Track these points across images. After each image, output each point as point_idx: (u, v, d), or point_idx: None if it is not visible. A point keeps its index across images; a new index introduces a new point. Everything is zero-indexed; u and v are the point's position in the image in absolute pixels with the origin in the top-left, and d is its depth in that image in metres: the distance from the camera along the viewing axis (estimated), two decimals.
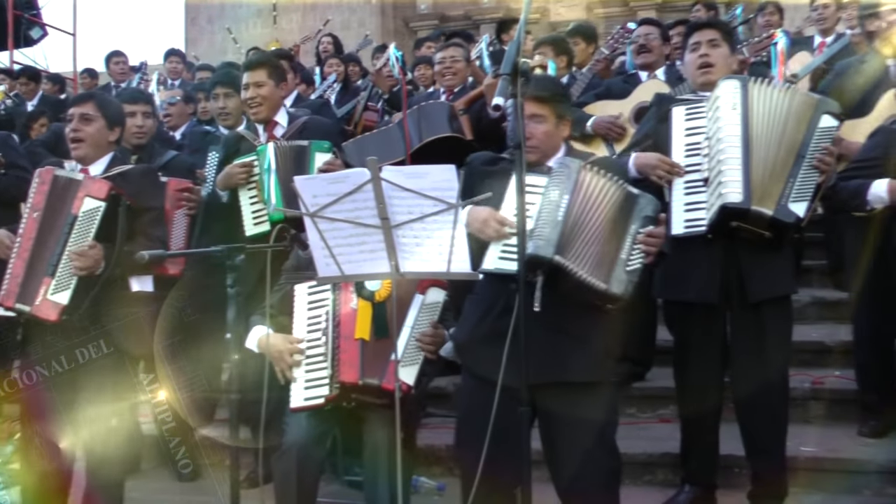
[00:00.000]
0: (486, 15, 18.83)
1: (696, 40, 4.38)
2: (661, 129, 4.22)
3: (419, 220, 2.99)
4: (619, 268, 3.30)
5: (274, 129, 5.13)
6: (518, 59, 2.94)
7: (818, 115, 3.97)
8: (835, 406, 5.39)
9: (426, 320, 3.79)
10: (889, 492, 4.62)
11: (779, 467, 4.24)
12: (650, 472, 4.69)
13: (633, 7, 18.69)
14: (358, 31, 16.98)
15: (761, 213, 3.88)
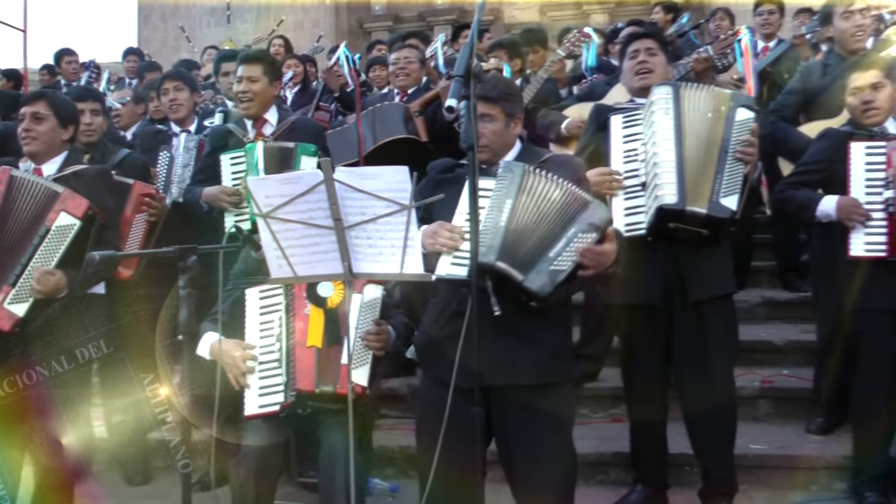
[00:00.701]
0: (440, 17, 18.84)
1: (635, 48, 4.45)
2: (601, 138, 4.27)
3: (372, 221, 2.96)
4: (543, 263, 3.21)
5: (263, 127, 5.08)
6: (471, 62, 2.92)
7: (734, 109, 4.05)
8: (784, 404, 5.44)
9: (368, 319, 3.74)
10: (836, 487, 4.67)
11: (727, 466, 4.27)
12: (603, 471, 4.70)
13: (586, 10, 18.81)
14: (312, 32, 16.90)
15: (696, 212, 3.92)
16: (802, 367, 5.55)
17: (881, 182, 4.30)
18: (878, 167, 4.32)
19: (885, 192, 4.27)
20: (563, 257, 3.21)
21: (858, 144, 4.38)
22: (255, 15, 19.25)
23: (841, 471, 4.66)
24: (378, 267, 3.03)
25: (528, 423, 3.37)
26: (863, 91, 4.48)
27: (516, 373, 3.32)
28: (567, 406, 3.58)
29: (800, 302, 6.36)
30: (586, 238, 3.22)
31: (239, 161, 4.89)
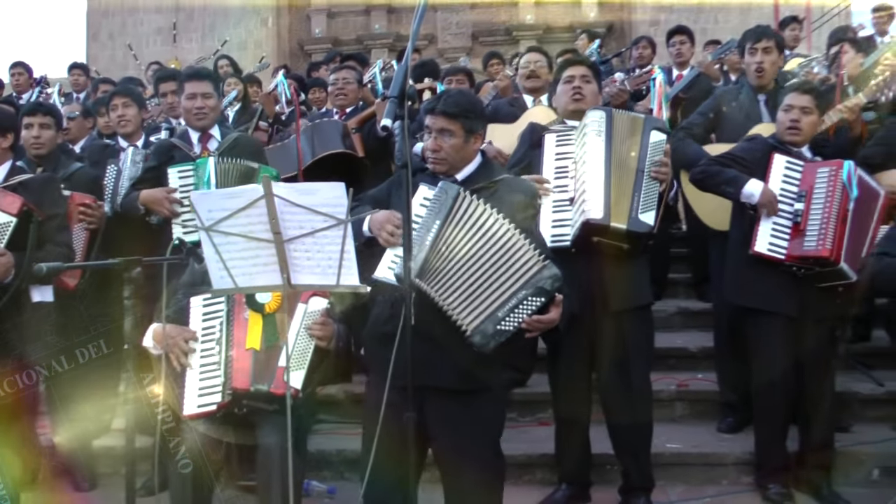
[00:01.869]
0: (377, 41, 18.91)
1: (570, 74, 4.53)
2: (534, 154, 4.34)
3: (310, 234, 2.97)
4: (488, 322, 3.18)
5: (208, 142, 5.03)
6: (405, 84, 2.96)
7: (647, 131, 4.16)
8: (698, 405, 5.56)
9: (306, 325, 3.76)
10: (744, 481, 4.81)
11: (645, 464, 4.36)
12: (529, 472, 4.74)
13: (516, 36, 19.01)
14: (255, 53, 16.86)
15: (617, 228, 4.01)
16: (714, 372, 5.66)
17: (793, 195, 4.48)
18: (793, 181, 4.51)
19: (795, 204, 4.46)
20: (510, 319, 3.19)
21: (781, 157, 4.58)
22: (200, 35, 19.11)
23: (749, 466, 4.81)
24: (315, 279, 3.04)
25: (455, 427, 3.41)
26: (794, 110, 4.63)
27: (441, 375, 3.33)
28: (498, 411, 3.62)
29: (711, 311, 6.44)
30: (535, 303, 3.20)
31: (187, 175, 4.84)
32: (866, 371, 5.63)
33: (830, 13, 13.77)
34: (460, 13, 19.65)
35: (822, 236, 4.32)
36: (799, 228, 4.41)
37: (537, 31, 19.05)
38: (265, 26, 19.39)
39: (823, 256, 4.30)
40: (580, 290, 4.12)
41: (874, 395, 5.46)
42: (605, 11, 19.75)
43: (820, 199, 4.39)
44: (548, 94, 6.20)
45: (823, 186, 4.40)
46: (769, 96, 5.48)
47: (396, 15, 19.75)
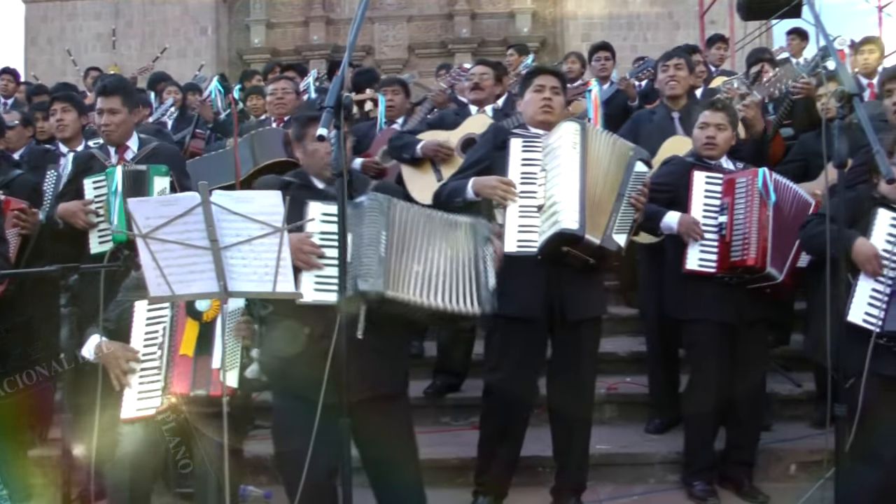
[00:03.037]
0: (315, 51, 18.88)
1: (541, 83, 4.45)
2: (498, 156, 4.26)
3: (247, 242, 2.95)
4: (483, 290, 3.45)
5: (125, 153, 4.92)
6: (341, 94, 2.95)
7: (634, 160, 4.16)
8: (626, 408, 5.62)
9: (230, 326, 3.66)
10: (670, 479, 4.88)
11: (583, 464, 4.38)
12: (463, 475, 4.72)
13: (451, 49, 19.11)
14: (194, 61, 16.72)
15: (591, 241, 4.00)
16: (642, 375, 5.72)
17: (716, 208, 4.55)
18: (715, 195, 4.58)
19: (719, 217, 4.52)
20: (488, 274, 3.44)
21: (701, 173, 4.64)
22: (139, 42, 18.92)
23: (674, 465, 4.87)
24: (252, 286, 3.02)
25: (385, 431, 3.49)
26: (709, 127, 4.71)
27: (378, 385, 3.39)
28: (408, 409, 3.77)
29: (640, 317, 6.55)
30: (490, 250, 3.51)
31: (100, 185, 4.76)
32: (785, 373, 5.76)
33: (752, 35, 14.05)
34: (397, 26, 19.74)
35: (746, 245, 4.39)
36: (725, 241, 4.48)
37: (472, 45, 19.22)
38: (204, 35, 19.27)
39: (749, 265, 4.38)
40: (541, 296, 4.17)
41: (792, 395, 5.60)
42: (538, 27, 19.98)
43: (741, 209, 4.46)
44: (507, 100, 6.26)
45: (742, 197, 4.47)
46: (682, 113, 5.60)
47: (335, 26, 19.77)
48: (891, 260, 3.83)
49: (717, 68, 8.82)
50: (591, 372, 4.39)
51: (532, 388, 4.36)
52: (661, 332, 5.31)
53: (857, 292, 3.80)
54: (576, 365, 4.27)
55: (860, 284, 3.80)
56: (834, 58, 3.78)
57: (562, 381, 4.32)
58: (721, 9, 14.94)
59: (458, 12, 19.73)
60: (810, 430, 5.17)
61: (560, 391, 4.34)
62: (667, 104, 5.78)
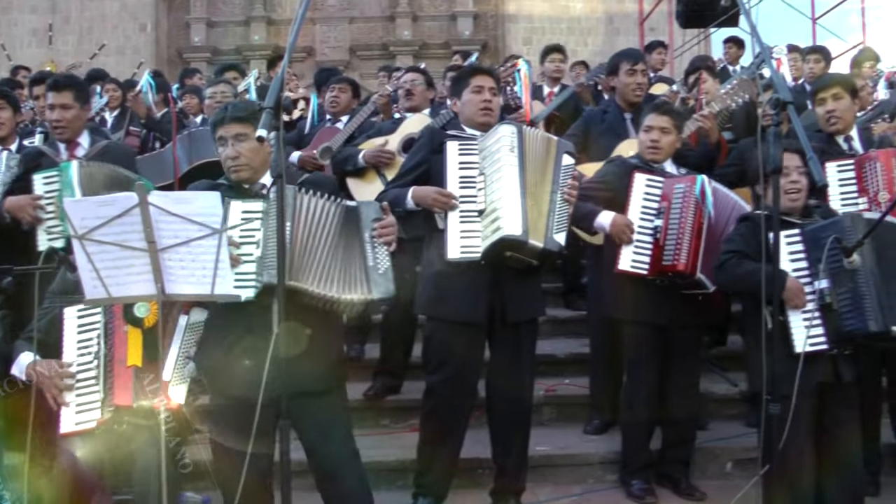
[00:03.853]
0: (257, 51, 18.73)
1: (480, 84, 4.43)
2: (436, 160, 4.26)
3: (185, 243, 2.91)
4: (373, 274, 3.41)
5: (76, 150, 4.85)
6: (280, 95, 2.93)
7: (560, 154, 4.20)
8: (565, 409, 5.65)
9: (192, 340, 3.66)
10: (608, 478, 4.93)
11: (522, 465, 4.40)
12: (403, 477, 4.70)
13: (393, 51, 19.10)
14: (133, 58, 16.48)
15: (535, 246, 4.01)
16: (581, 377, 5.78)
17: (654, 211, 4.59)
18: (654, 198, 4.61)
19: (655, 221, 4.56)
20: (380, 258, 3.42)
21: (641, 175, 4.66)
22: (77, 38, 18.60)
23: (613, 465, 4.91)
24: (190, 288, 2.97)
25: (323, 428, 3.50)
26: (653, 131, 4.76)
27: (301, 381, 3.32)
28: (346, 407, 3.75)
29: (579, 319, 6.61)
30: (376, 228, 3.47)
31: (52, 181, 4.66)
32: (722, 373, 5.85)
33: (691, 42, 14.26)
34: (339, 27, 19.67)
35: (678, 250, 4.44)
36: (659, 244, 4.52)
37: (414, 47, 19.25)
38: (144, 32, 19.01)
39: (679, 270, 4.43)
40: (482, 300, 4.18)
41: (729, 395, 5.69)
42: (479, 30, 20.06)
43: (676, 214, 4.50)
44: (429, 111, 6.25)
45: (679, 202, 4.51)
46: (635, 115, 5.63)
47: (276, 26, 19.65)
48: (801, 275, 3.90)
49: (657, 74, 8.93)
50: (529, 373, 4.41)
51: (471, 389, 4.36)
52: (604, 332, 5.35)
53: (793, 327, 3.82)
54: (515, 366, 4.29)
55: (791, 318, 3.84)
56: (769, 66, 3.84)
57: (501, 383, 4.33)
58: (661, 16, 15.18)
59: (400, 14, 19.74)
60: (745, 429, 5.26)
61: (499, 393, 4.35)
62: (619, 104, 5.80)
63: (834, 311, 3.79)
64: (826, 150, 4.83)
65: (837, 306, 3.79)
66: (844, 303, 3.79)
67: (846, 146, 4.89)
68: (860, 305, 3.76)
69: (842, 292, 3.80)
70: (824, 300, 3.80)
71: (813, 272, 3.87)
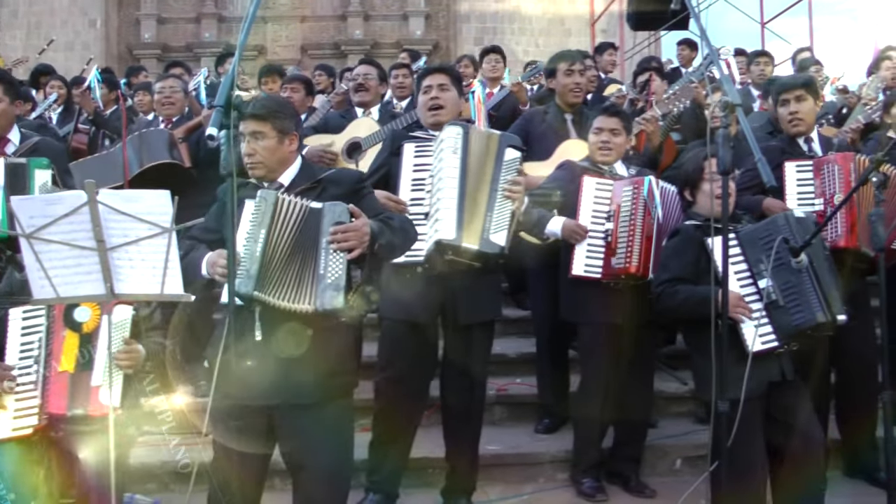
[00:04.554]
0: (207, 49, 18.56)
1: (427, 83, 4.45)
2: (394, 162, 4.28)
3: (134, 243, 2.88)
4: (320, 283, 3.19)
5: (5, 147, 4.74)
6: (231, 93, 2.91)
7: (503, 148, 4.15)
8: (516, 409, 5.67)
9: (118, 339, 3.53)
10: (559, 477, 4.95)
11: (473, 464, 4.43)
12: (354, 477, 4.67)
13: (344, 50, 19.04)
14: (82, 54, 16.24)
15: (469, 249, 4.00)
16: (532, 376, 5.78)
17: (604, 214, 4.62)
18: (604, 201, 4.65)
19: (606, 224, 4.59)
20: (332, 267, 3.20)
21: (591, 179, 4.70)
22: (25, 32, 18.29)
23: (563, 463, 4.95)
24: (139, 288, 2.94)
25: (306, 438, 3.39)
26: (603, 132, 4.78)
27: (293, 392, 3.30)
28: (348, 419, 3.66)
29: (529, 319, 6.56)
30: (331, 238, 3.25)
31: None
32: (671, 372, 5.92)
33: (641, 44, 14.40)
34: (290, 26, 19.57)
35: (629, 253, 4.48)
36: (610, 247, 4.55)
37: (365, 47, 19.19)
38: (93, 28, 18.73)
39: (631, 273, 4.47)
40: (432, 302, 4.20)
41: (678, 393, 5.74)
42: (431, 30, 20.06)
43: (625, 217, 4.54)
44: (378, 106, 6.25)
45: (628, 204, 4.55)
46: (575, 115, 5.69)
47: (227, 24, 19.49)
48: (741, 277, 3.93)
49: (607, 75, 9.01)
50: (482, 374, 4.42)
51: (422, 389, 4.38)
52: (551, 332, 5.39)
53: (743, 328, 3.84)
54: (467, 368, 4.30)
55: (743, 326, 3.86)
56: (718, 69, 3.88)
57: (453, 384, 4.36)
58: (611, 18, 15.29)
59: (352, 13, 19.67)
60: (694, 427, 5.34)
61: (451, 393, 4.37)
62: (560, 105, 5.84)
63: (780, 307, 3.84)
64: (787, 150, 4.91)
65: (784, 302, 3.84)
66: (790, 298, 3.84)
67: (806, 147, 4.95)
68: (806, 299, 3.82)
69: (786, 289, 3.85)
70: (770, 298, 3.85)
71: (754, 273, 3.92)
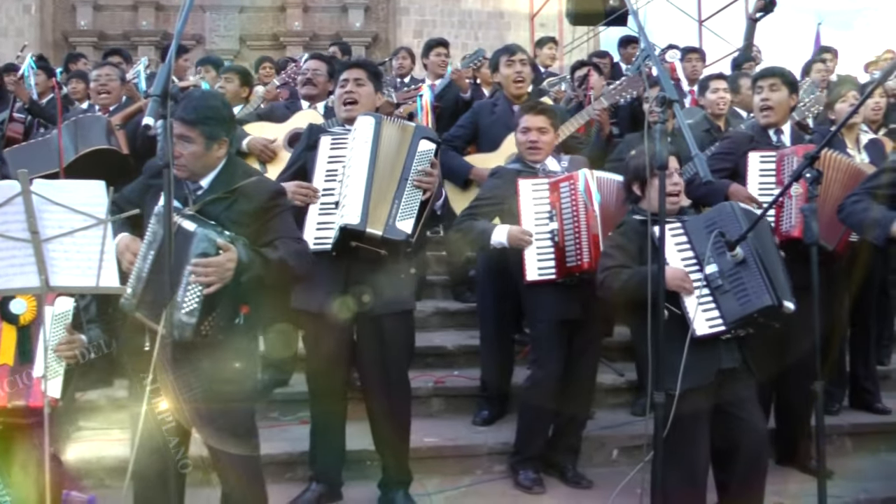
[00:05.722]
0: (145, 38, 18.27)
1: (345, 77, 4.46)
2: (310, 156, 4.29)
3: (69, 234, 2.82)
4: (176, 311, 3.16)
5: None
6: (168, 83, 2.86)
7: (416, 140, 4.19)
8: (454, 401, 5.66)
9: (59, 330, 3.49)
10: (497, 469, 4.96)
11: (404, 456, 4.42)
12: (291, 469, 4.68)
13: (283, 42, 18.88)
14: (17, 41, 15.88)
15: (373, 234, 4.01)
16: (470, 368, 5.84)
17: (546, 214, 4.62)
18: (542, 201, 4.65)
19: (550, 224, 4.60)
20: (189, 298, 3.18)
21: (526, 182, 4.69)
22: None
23: (501, 455, 4.96)
24: (75, 280, 2.89)
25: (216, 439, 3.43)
26: (531, 132, 4.79)
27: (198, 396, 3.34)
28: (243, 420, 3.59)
29: (468, 311, 6.64)
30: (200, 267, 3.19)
31: None
32: (608, 363, 5.95)
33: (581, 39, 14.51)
34: (228, 16, 19.33)
35: (579, 250, 4.49)
36: (559, 246, 4.56)
37: (304, 38, 19.06)
38: (28, 14, 18.31)
39: (584, 269, 4.49)
40: (338, 292, 4.18)
41: (615, 384, 5.80)
42: (370, 22, 19.98)
43: (568, 213, 4.55)
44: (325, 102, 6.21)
45: (567, 201, 4.56)
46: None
47: (165, 13, 19.18)
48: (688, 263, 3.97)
49: (546, 70, 9.06)
50: (400, 366, 4.41)
51: (340, 380, 4.39)
52: (497, 322, 5.41)
53: (689, 311, 3.86)
54: (381, 360, 4.28)
55: (687, 303, 3.89)
56: (655, 64, 3.92)
57: (370, 376, 4.36)
58: (551, 13, 15.37)
59: (291, 4, 19.49)
60: (631, 418, 5.43)
61: (370, 386, 4.37)
62: (507, 97, 5.90)
63: (726, 292, 3.88)
64: (756, 139, 4.99)
65: (729, 287, 3.88)
66: (736, 284, 3.88)
67: (776, 139, 5.02)
68: (752, 283, 3.85)
69: (732, 275, 3.89)
70: (716, 283, 3.89)
71: (700, 260, 3.95)
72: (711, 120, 6.39)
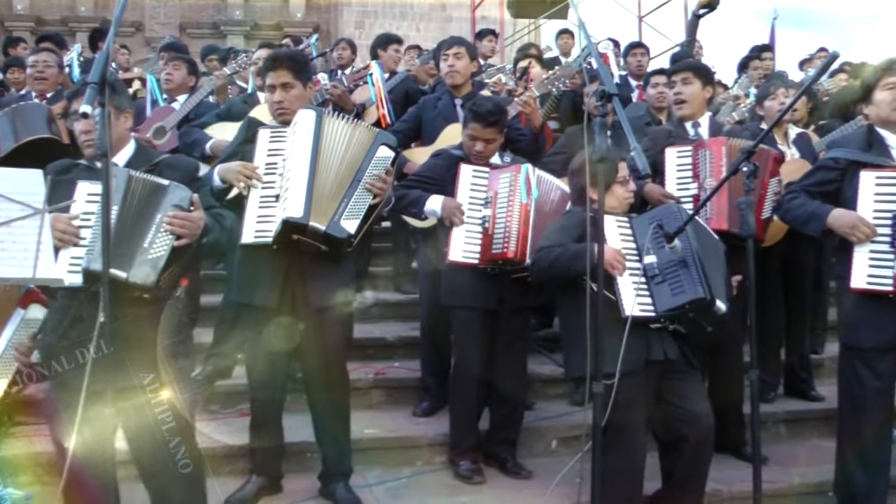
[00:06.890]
0: (83, 23, 17.94)
1: (270, 83, 4.36)
2: (248, 150, 4.25)
3: (5, 224, 2.77)
4: (140, 256, 3.29)
5: None
6: (106, 70, 2.82)
7: (376, 145, 4.18)
8: (394, 392, 5.68)
9: (24, 335, 3.50)
10: (437, 460, 4.98)
11: (344, 449, 4.42)
12: (231, 462, 4.64)
13: (224, 31, 18.70)
14: None
15: (316, 228, 3.99)
16: (410, 360, 5.85)
17: (481, 201, 4.68)
18: (481, 188, 4.71)
19: (483, 210, 4.65)
20: (158, 244, 3.31)
21: (468, 167, 4.75)
22: None
23: (442, 446, 4.98)
24: (10, 271, 2.83)
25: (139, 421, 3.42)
26: (478, 142, 4.79)
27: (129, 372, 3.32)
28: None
29: (409, 303, 6.69)
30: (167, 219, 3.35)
31: None
32: (548, 354, 6.04)
33: (521, 32, 14.56)
34: (168, 3, 19.07)
35: (507, 239, 4.54)
36: (488, 233, 4.61)
37: (245, 28, 18.91)
38: None
39: (509, 258, 4.53)
40: (278, 284, 4.17)
41: (554, 375, 5.83)
42: (311, 13, 19.86)
43: (503, 203, 4.60)
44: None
45: (505, 191, 4.62)
46: (465, 100, 5.74)
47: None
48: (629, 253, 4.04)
49: (486, 62, 9.09)
50: (339, 358, 4.42)
51: (278, 373, 4.38)
52: (433, 316, 5.42)
53: (621, 294, 3.92)
54: (321, 352, 4.29)
55: (620, 285, 3.95)
56: (595, 59, 3.95)
57: (310, 369, 4.38)
58: (492, 5, 15.40)
59: None
60: (570, 408, 5.48)
61: (310, 379, 4.40)
62: (451, 91, 5.95)
63: (661, 283, 3.95)
64: (674, 133, 5.07)
65: (665, 279, 3.95)
66: (671, 275, 3.95)
67: (693, 132, 5.10)
68: (687, 276, 3.92)
69: (668, 269, 3.96)
70: (653, 272, 3.96)
71: (641, 252, 4.03)
72: (653, 113, 6.49)
